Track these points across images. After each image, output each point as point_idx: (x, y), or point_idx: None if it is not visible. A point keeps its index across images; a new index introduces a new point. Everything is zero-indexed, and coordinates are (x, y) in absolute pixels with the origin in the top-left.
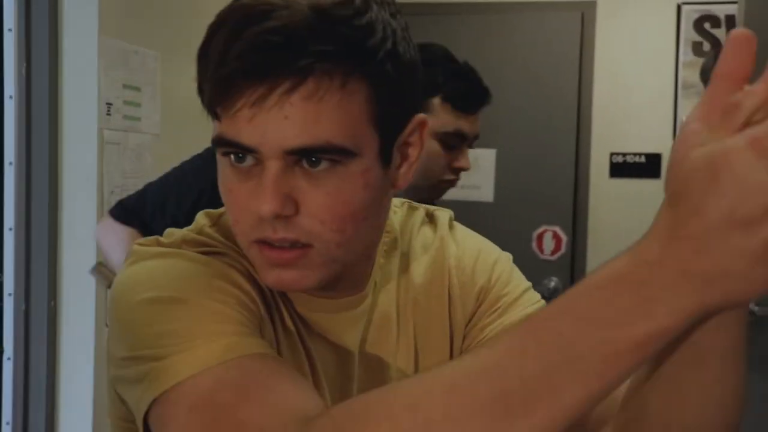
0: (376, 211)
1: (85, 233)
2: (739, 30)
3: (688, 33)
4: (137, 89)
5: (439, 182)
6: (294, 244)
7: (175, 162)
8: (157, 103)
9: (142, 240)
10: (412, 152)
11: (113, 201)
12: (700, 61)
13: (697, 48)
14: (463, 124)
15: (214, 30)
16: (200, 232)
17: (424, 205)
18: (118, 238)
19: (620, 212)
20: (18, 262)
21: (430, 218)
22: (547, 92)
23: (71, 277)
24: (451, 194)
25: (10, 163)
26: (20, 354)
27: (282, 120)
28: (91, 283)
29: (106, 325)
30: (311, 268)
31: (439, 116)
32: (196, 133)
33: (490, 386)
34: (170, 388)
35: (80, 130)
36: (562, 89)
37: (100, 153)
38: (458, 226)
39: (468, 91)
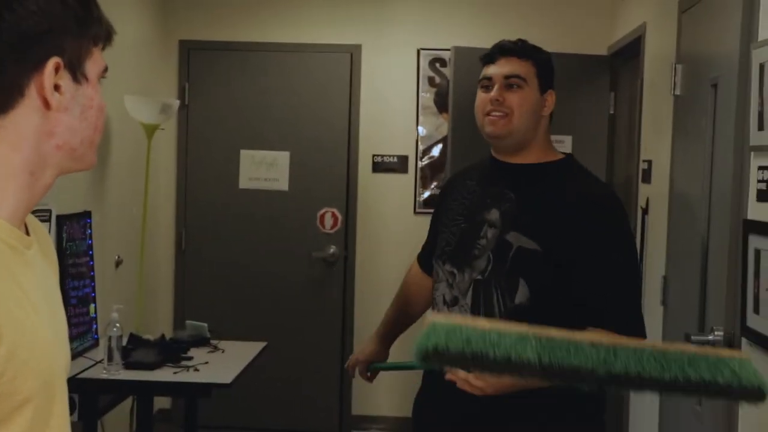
0: None
1: None
2: None
3: (425, 70)
4: None
5: (485, 115)
6: None
7: None
8: None
9: None
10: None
11: None
12: (434, 90)
13: (431, 80)
14: (486, 71)
15: None
16: None
17: None
18: None
19: (380, 197)
20: None
21: None
22: (327, 109)
23: None
24: (255, 184)
25: None
26: None
27: None
28: None
29: None
30: None
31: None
32: None
33: None
34: None
35: None
36: (338, 107)
37: None
38: None
39: (488, 52)
